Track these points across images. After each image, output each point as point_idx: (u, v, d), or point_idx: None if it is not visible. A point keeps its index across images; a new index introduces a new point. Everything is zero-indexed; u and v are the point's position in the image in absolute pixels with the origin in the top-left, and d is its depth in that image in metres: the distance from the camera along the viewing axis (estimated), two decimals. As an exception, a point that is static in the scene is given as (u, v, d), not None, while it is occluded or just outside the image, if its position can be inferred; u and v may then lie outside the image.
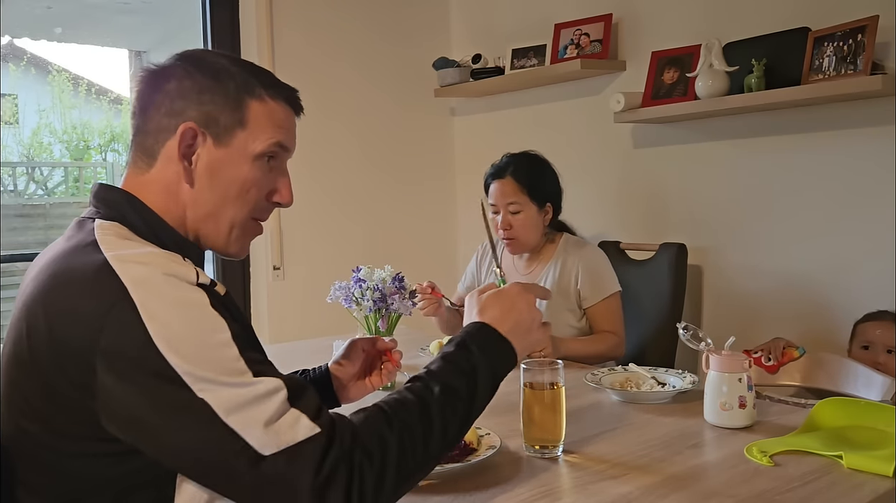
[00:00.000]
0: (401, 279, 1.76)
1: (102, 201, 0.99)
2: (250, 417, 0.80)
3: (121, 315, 0.81)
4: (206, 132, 0.97)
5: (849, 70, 2.05)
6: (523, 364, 1.30)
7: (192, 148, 0.97)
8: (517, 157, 2.17)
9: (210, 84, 0.97)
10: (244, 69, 1.00)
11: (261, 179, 1.00)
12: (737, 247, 2.51)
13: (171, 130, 0.97)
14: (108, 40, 6.34)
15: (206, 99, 0.97)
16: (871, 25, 2.02)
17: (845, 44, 2.07)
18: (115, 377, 0.81)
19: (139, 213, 0.97)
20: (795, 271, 2.36)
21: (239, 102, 0.98)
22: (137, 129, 1.01)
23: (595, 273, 2.11)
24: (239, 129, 0.98)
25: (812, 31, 2.18)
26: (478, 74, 3.13)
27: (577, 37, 2.82)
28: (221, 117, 0.97)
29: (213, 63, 0.99)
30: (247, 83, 0.99)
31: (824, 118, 2.26)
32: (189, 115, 0.96)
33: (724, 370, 1.36)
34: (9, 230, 5.70)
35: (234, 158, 0.98)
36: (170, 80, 0.98)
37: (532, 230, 2.12)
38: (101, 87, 7.47)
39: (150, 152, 0.99)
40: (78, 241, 0.93)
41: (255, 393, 0.82)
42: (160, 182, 0.98)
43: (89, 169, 7.08)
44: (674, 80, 2.51)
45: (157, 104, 0.98)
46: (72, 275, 0.87)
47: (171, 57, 1.01)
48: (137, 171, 1.00)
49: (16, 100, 7.01)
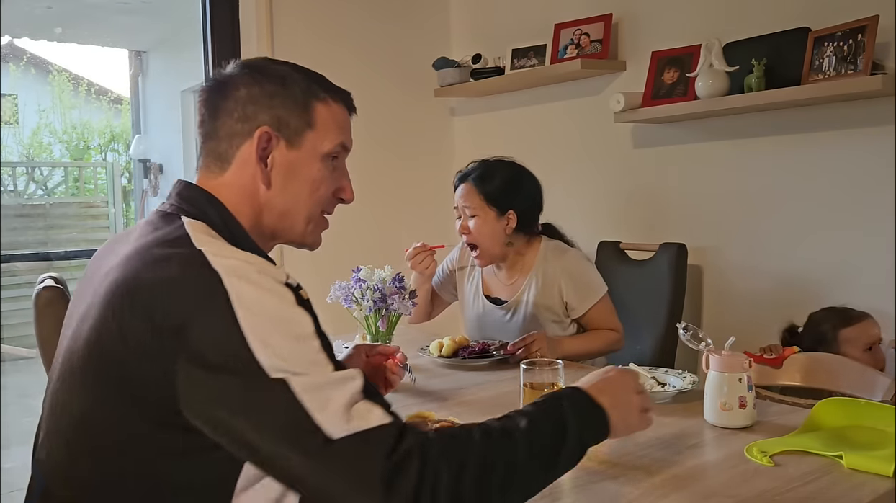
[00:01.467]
0: (401, 279, 1.76)
1: (187, 200, 1.02)
2: (325, 398, 0.80)
3: (214, 302, 0.83)
4: (279, 135, 1.02)
5: (849, 70, 2.05)
6: (523, 364, 1.30)
7: (268, 150, 1.02)
8: (485, 163, 2.12)
9: (278, 89, 1.03)
10: (305, 74, 1.07)
11: (328, 177, 1.07)
12: (737, 247, 2.51)
13: (245, 135, 1.02)
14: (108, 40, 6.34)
15: (277, 103, 1.02)
16: (871, 25, 2.02)
17: (845, 44, 2.07)
18: (201, 362, 0.82)
19: (221, 217, 1.01)
20: (795, 271, 2.36)
21: (306, 106, 1.04)
22: (207, 135, 1.05)
23: (580, 281, 2.07)
24: (308, 131, 1.04)
25: (812, 31, 2.18)
26: (478, 74, 3.13)
27: (577, 37, 2.82)
28: (292, 120, 1.03)
29: (277, 70, 1.05)
30: (310, 87, 1.05)
31: (824, 118, 2.26)
32: (262, 119, 1.02)
33: (724, 370, 1.36)
34: (9, 230, 5.71)
35: (305, 159, 1.04)
36: (238, 87, 1.03)
37: (489, 237, 2.06)
38: (101, 87, 7.48)
39: (223, 157, 1.04)
40: (167, 233, 0.95)
41: (332, 378, 0.83)
42: (236, 185, 1.03)
43: (89, 169, 7.09)
44: (674, 80, 2.51)
45: (228, 111, 1.03)
46: (167, 264, 0.88)
47: (234, 66, 1.07)
48: (210, 175, 1.05)
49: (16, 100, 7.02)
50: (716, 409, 1.36)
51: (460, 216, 2.11)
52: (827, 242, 2.29)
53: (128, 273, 0.89)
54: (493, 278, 2.19)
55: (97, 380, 0.89)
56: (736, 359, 1.37)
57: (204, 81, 1.06)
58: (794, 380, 1.86)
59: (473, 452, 0.84)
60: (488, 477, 0.84)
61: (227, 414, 0.82)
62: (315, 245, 1.13)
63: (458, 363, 1.92)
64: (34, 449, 1.04)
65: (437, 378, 1.80)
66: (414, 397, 1.63)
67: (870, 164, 2.17)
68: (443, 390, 1.68)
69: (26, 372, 5.30)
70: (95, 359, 0.89)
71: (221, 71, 1.08)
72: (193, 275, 0.86)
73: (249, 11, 2.90)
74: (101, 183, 6.84)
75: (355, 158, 3.11)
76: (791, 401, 1.61)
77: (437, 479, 0.80)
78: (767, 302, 2.42)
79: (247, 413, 0.81)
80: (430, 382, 1.70)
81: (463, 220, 2.10)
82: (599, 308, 2.07)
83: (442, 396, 1.63)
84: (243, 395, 0.81)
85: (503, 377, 1.79)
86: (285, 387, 0.80)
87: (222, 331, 0.82)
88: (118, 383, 0.87)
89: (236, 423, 0.81)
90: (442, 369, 1.90)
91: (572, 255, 2.12)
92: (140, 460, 0.88)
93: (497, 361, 1.91)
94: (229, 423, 0.82)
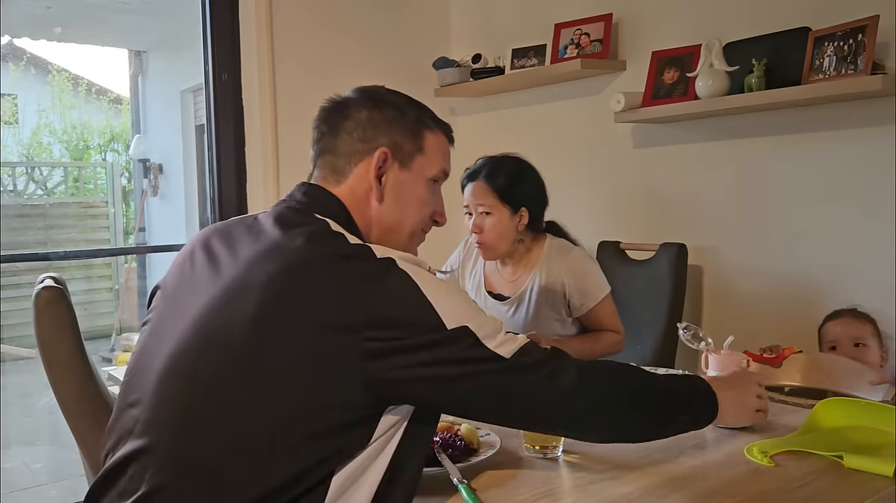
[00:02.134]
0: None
1: (317, 200, 1.11)
2: (494, 334, 0.99)
3: (399, 277, 0.96)
4: (393, 157, 1.14)
5: (849, 70, 2.05)
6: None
7: (383, 170, 1.14)
8: (493, 160, 2.11)
9: (396, 116, 1.16)
10: (418, 106, 1.20)
11: (431, 199, 1.21)
12: (737, 247, 2.51)
13: (364, 153, 1.13)
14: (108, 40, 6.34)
15: (394, 129, 1.15)
16: (871, 25, 2.02)
17: (845, 44, 2.07)
18: (390, 327, 0.94)
19: (348, 223, 1.10)
20: (795, 271, 2.36)
21: (418, 133, 1.17)
22: (326, 150, 1.16)
23: (583, 280, 2.06)
24: (419, 155, 1.17)
25: (812, 30, 2.18)
26: (478, 74, 3.13)
27: (578, 37, 2.82)
28: (406, 145, 1.15)
29: (395, 99, 1.18)
30: (422, 117, 1.18)
31: (824, 118, 2.26)
32: (381, 141, 1.14)
33: (722, 370, 1.36)
34: (9, 230, 5.71)
35: (414, 180, 1.17)
36: (360, 110, 1.15)
37: (502, 234, 2.05)
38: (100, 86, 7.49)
39: (340, 171, 1.14)
40: (314, 229, 1.04)
41: (492, 320, 1.01)
42: (350, 197, 1.13)
43: (89, 169, 7.09)
44: (674, 80, 2.51)
45: (348, 129, 1.14)
46: (337, 255, 0.99)
47: (355, 91, 1.19)
48: (326, 185, 1.15)
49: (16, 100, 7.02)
50: None
51: (471, 214, 2.08)
52: (827, 242, 2.29)
53: (292, 263, 0.98)
54: (496, 274, 2.18)
55: (261, 359, 0.94)
56: (734, 359, 1.37)
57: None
58: (793, 380, 1.85)
59: (614, 365, 1.15)
60: (625, 379, 1.11)
61: (424, 367, 0.95)
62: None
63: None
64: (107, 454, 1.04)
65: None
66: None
67: (870, 164, 2.17)
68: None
69: (26, 372, 5.30)
70: (262, 338, 0.94)
71: (341, 94, 1.19)
72: (369, 263, 0.97)
73: (249, 11, 2.90)
74: (101, 183, 6.84)
75: (355, 158, 2.97)
76: (791, 401, 1.61)
77: (585, 364, 1.06)
78: (768, 302, 2.42)
79: (441, 359, 0.96)
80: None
81: (475, 218, 2.06)
82: (602, 308, 2.07)
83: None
84: (437, 346, 0.95)
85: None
86: (468, 331, 0.97)
87: (413, 302, 0.95)
88: (291, 360, 0.93)
89: (433, 371, 0.95)
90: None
91: (577, 254, 2.11)
92: (291, 432, 0.93)
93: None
94: (424, 373, 0.95)
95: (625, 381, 1.10)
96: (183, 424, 0.96)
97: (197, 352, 0.98)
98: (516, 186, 2.06)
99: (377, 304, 0.94)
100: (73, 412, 1.33)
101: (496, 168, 2.08)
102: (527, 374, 1.00)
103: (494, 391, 0.99)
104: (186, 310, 1.03)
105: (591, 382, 1.05)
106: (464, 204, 2.10)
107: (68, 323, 1.35)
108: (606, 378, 1.08)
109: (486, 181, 2.05)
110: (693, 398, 1.15)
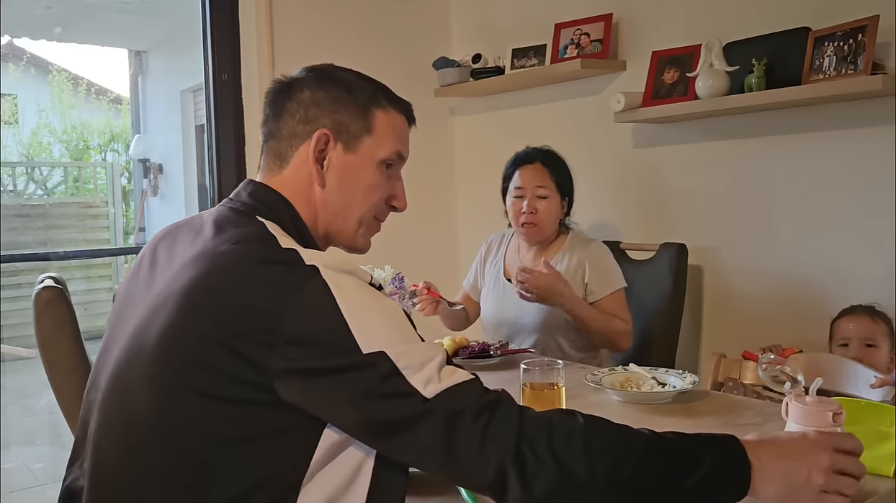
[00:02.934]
0: (401, 279, 1.76)
1: (261, 201, 1.05)
2: (420, 365, 0.87)
3: (316, 290, 0.87)
4: (337, 138, 1.06)
5: (849, 70, 2.05)
6: (523, 364, 1.30)
7: (324, 153, 1.06)
8: (543, 149, 2.24)
9: (343, 95, 1.07)
10: (370, 82, 1.12)
11: (383, 184, 1.11)
12: (737, 247, 2.51)
13: (304, 136, 1.06)
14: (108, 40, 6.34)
15: (340, 108, 1.07)
16: (871, 25, 2.02)
17: (845, 44, 2.07)
18: (301, 343, 0.85)
19: (292, 219, 1.05)
20: (795, 271, 2.36)
21: (367, 113, 1.08)
22: (270, 134, 1.10)
23: (602, 267, 2.15)
24: (366, 136, 1.08)
25: (812, 31, 2.18)
26: (478, 74, 3.13)
27: (578, 36, 2.82)
28: (351, 125, 1.07)
29: (343, 76, 1.11)
30: (374, 95, 1.10)
31: (824, 118, 2.26)
32: (322, 122, 1.06)
33: (804, 423, 1.06)
34: (9, 230, 5.71)
35: (361, 163, 1.08)
36: (303, 89, 1.08)
37: (553, 218, 2.18)
38: (100, 86, 7.49)
39: (282, 156, 1.08)
40: (245, 232, 0.97)
41: (423, 348, 0.89)
42: (292, 183, 1.07)
43: (89, 169, 7.09)
44: (674, 80, 2.51)
45: (290, 112, 1.07)
46: (258, 260, 0.91)
47: (302, 70, 1.12)
48: (270, 174, 1.09)
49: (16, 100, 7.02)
50: None
51: (523, 196, 2.16)
52: (827, 242, 2.28)
53: (210, 270, 0.91)
54: (517, 264, 2.24)
55: (172, 375, 0.88)
56: (818, 410, 1.05)
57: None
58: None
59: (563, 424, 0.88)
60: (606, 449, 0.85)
61: (331, 389, 0.86)
62: (365, 248, 1.16)
63: (458, 363, 1.91)
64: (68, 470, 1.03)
65: (437, 378, 1.80)
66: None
67: (870, 164, 2.17)
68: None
69: (26, 372, 5.30)
70: (170, 352, 0.89)
71: (288, 74, 1.12)
72: (289, 271, 0.88)
73: (249, 11, 2.90)
74: (101, 183, 6.84)
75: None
76: (791, 401, 1.60)
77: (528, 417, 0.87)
78: (768, 302, 2.42)
79: (349, 386, 0.85)
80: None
81: (530, 200, 2.15)
82: (615, 297, 2.14)
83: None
84: (345, 372, 0.85)
85: (503, 377, 1.79)
86: (384, 358, 0.85)
87: (326, 317, 0.85)
88: (201, 375, 0.87)
89: (338, 394, 0.85)
90: (442, 369, 1.89)
91: (599, 245, 2.24)
92: (213, 450, 0.87)
93: (497, 361, 1.91)
94: (331, 396, 0.86)
95: (607, 452, 0.85)
96: (119, 456, 0.92)
97: (127, 371, 0.93)
98: (566, 175, 2.21)
99: (288, 319, 0.84)
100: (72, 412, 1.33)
101: (550, 156, 2.20)
102: (450, 422, 0.84)
103: (412, 437, 0.85)
104: (127, 324, 0.98)
105: (549, 445, 0.84)
106: (516, 186, 2.18)
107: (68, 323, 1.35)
108: (578, 445, 0.85)
109: (545, 165, 2.16)
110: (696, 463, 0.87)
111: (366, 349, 0.85)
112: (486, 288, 2.30)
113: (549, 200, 2.15)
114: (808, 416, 1.05)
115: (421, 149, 3.51)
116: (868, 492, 1.07)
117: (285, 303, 0.85)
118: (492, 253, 2.36)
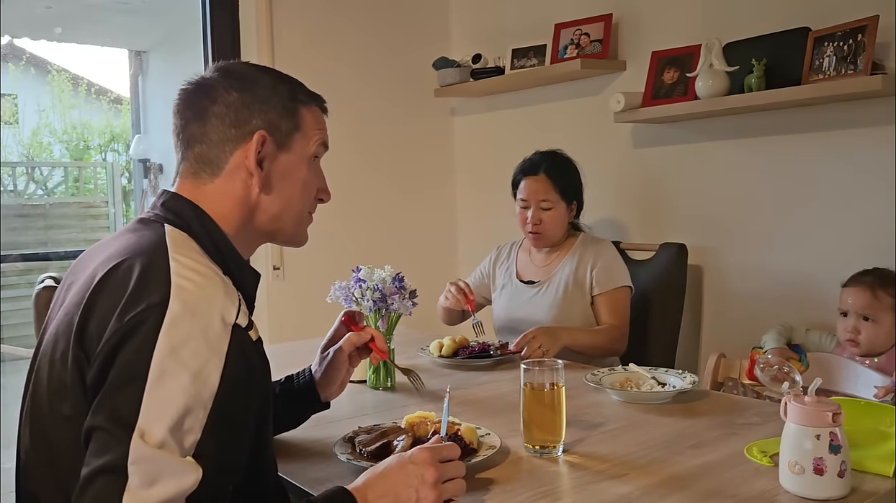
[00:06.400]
0: (401, 279, 1.76)
1: (172, 210, 1.02)
2: (163, 442, 0.81)
3: (151, 317, 0.84)
4: (272, 139, 1.04)
5: (849, 70, 2.05)
6: (523, 364, 1.30)
7: (262, 154, 1.04)
8: (550, 155, 2.24)
9: (268, 95, 1.05)
10: (287, 80, 1.09)
11: (314, 178, 1.11)
12: (737, 247, 2.51)
13: (239, 139, 1.03)
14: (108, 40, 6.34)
15: (269, 109, 1.04)
16: (871, 25, 2.02)
17: (845, 44, 2.07)
18: (107, 367, 0.85)
19: (207, 230, 1.01)
20: (796, 271, 2.36)
21: (294, 110, 1.07)
22: (194, 138, 1.04)
23: (609, 264, 2.18)
24: (297, 134, 1.07)
25: (812, 31, 2.18)
26: (478, 74, 3.13)
27: (578, 37, 2.82)
28: (283, 124, 1.05)
29: (263, 78, 1.07)
30: (294, 92, 1.08)
31: (824, 118, 2.26)
32: (256, 124, 1.03)
33: (798, 422, 1.07)
34: (9, 230, 5.70)
35: (295, 160, 1.07)
36: (230, 91, 1.03)
37: (559, 227, 2.21)
38: (100, 86, 7.47)
39: (214, 162, 1.04)
40: (146, 239, 0.96)
41: (168, 462, 0.81)
42: (226, 189, 1.04)
43: (89, 169, 7.08)
44: (674, 80, 2.51)
45: (219, 115, 1.03)
46: (129, 270, 0.90)
47: (216, 69, 1.07)
48: (198, 182, 1.04)
49: (16, 100, 7.01)
50: (784, 469, 1.09)
51: (528, 207, 2.19)
52: (827, 242, 2.28)
53: (96, 275, 0.92)
54: (529, 265, 2.29)
55: (66, 374, 0.90)
56: (816, 410, 1.06)
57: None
58: (793, 380, 1.85)
59: None
60: None
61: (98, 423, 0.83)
62: (303, 242, 1.16)
63: (458, 363, 1.92)
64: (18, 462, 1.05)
65: (437, 378, 1.80)
66: (413, 398, 1.63)
67: (870, 164, 2.17)
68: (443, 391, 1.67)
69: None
70: (64, 351, 0.91)
71: (201, 74, 1.07)
72: (145, 290, 0.87)
73: (249, 11, 2.90)
74: (101, 183, 6.84)
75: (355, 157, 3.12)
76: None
77: None
78: (768, 301, 2.42)
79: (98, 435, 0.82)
80: (430, 383, 1.70)
81: (534, 212, 2.18)
82: (616, 295, 2.15)
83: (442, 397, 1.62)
84: (110, 418, 0.82)
85: (503, 377, 1.79)
86: (138, 440, 0.80)
87: (139, 347, 0.83)
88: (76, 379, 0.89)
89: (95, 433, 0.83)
90: (442, 369, 1.90)
91: (609, 244, 2.27)
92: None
93: (497, 361, 1.91)
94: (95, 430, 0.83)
95: None
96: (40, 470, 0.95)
97: (35, 389, 0.98)
98: (572, 181, 2.22)
99: (115, 343, 0.84)
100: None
101: (556, 163, 2.22)
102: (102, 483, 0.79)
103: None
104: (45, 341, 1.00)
105: None
106: (521, 198, 2.21)
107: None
108: None
109: (549, 176, 2.18)
110: None
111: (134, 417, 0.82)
112: (498, 290, 2.32)
113: (554, 211, 2.18)
114: (808, 416, 1.06)
115: (421, 149, 3.55)
116: (868, 492, 1.08)
117: (124, 317, 0.86)
118: (502, 257, 2.38)
